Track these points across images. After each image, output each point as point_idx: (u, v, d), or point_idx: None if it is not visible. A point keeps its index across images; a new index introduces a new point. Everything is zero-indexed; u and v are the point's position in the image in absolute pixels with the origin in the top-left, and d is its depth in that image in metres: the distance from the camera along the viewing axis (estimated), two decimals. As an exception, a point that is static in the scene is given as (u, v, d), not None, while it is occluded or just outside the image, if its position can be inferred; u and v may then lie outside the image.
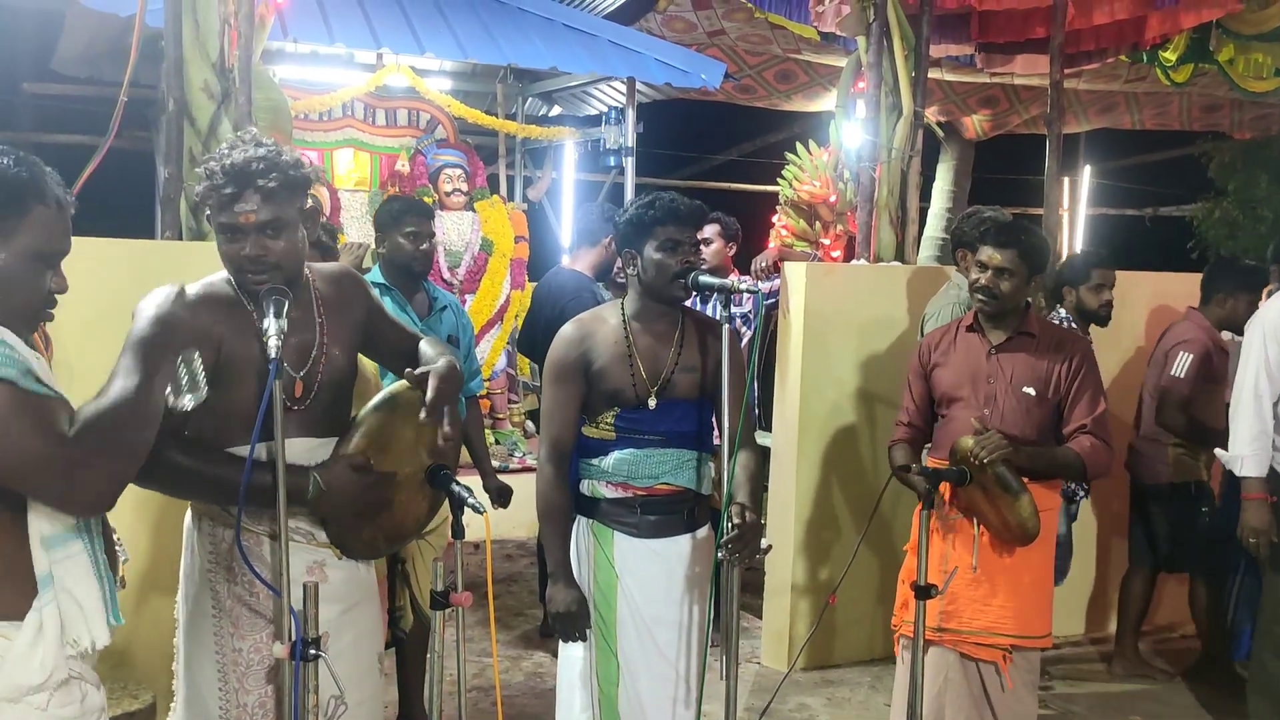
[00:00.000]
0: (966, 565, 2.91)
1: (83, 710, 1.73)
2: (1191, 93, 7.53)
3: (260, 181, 2.05)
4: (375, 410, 2.20)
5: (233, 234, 2.07)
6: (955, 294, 3.77)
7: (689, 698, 2.63)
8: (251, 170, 2.04)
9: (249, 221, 2.06)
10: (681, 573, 2.62)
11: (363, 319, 2.32)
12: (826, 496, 4.28)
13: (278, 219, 2.08)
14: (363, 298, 2.35)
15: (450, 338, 3.58)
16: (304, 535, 2.19)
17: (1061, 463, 2.91)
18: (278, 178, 2.06)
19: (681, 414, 2.61)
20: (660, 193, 2.65)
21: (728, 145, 10.35)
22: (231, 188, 2.04)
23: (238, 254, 2.07)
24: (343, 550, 2.23)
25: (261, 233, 2.07)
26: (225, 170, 2.05)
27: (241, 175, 2.04)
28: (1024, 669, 2.97)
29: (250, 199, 2.05)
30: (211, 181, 2.06)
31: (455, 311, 3.67)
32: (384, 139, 6.41)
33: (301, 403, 2.18)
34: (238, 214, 2.05)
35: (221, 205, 2.06)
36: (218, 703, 2.16)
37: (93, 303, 3.12)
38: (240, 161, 2.05)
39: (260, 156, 2.06)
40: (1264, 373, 3.20)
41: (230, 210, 2.05)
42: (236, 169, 2.05)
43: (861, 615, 4.28)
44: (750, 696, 3.98)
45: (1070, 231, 10.38)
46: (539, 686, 3.99)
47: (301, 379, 2.18)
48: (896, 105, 4.51)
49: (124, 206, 5.76)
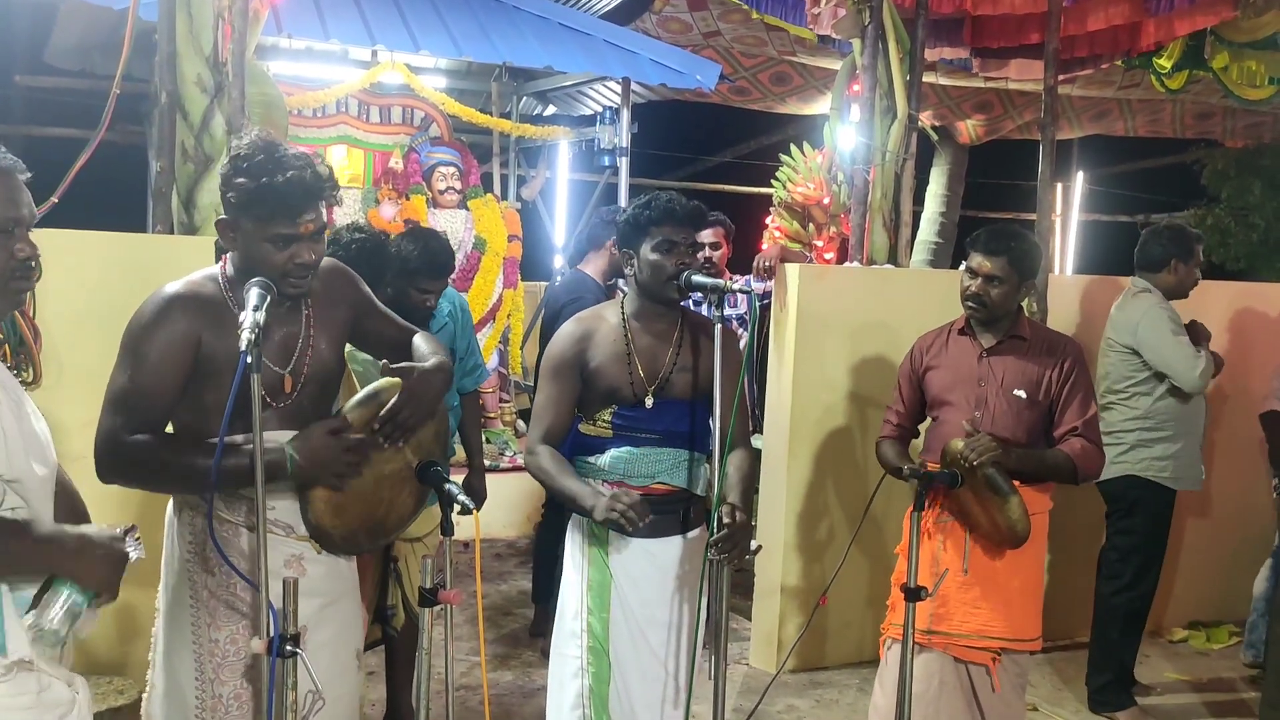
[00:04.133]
0: (957, 568, 2.91)
1: (39, 702, 1.70)
2: (1184, 100, 7.56)
3: (324, 192, 2.12)
4: (357, 406, 2.19)
5: (287, 242, 2.10)
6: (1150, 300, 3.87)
7: (678, 698, 2.64)
8: (314, 183, 2.10)
9: (308, 231, 2.11)
10: (675, 573, 2.63)
11: (351, 314, 2.33)
12: (817, 498, 4.28)
13: (324, 223, 2.16)
14: (351, 293, 2.35)
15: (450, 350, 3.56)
16: (283, 528, 2.18)
17: (1051, 465, 2.91)
18: (330, 187, 2.14)
19: (678, 414, 2.62)
20: (659, 193, 2.65)
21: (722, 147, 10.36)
22: (303, 201, 2.08)
23: (289, 260, 2.11)
24: (322, 544, 2.23)
25: (312, 240, 2.12)
26: (292, 183, 2.07)
27: (309, 189, 2.09)
28: (1013, 672, 2.97)
29: (313, 209, 2.11)
30: (272, 193, 2.06)
31: (455, 319, 3.61)
32: (378, 136, 6.39)
33: (287, 398, 2.18)
34: (300, 225, 2.09)
35: (287, 217, 2.08)
36: (194, 692, 2.17)
37: (83, 296, 3.11)
38: (302, 176, 2.08)
39: (307, 164, 2.11)
40: None
41: (294, 222, 2.09)
42: (304, 184, 2.08)
43: (851, 618, 4.28)
44: (739, 697, 3.97)
45: (1063, 238, 10.42)
46: (528, 686, 3.98)
47: (289, 374, 2.18)
48: (891, 108, 4.52)
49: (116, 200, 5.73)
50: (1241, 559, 4.96)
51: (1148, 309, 3.84)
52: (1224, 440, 4.73)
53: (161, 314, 2.09)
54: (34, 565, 1.70)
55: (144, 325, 2.09)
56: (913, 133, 4.54)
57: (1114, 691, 3.94)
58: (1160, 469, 3.83)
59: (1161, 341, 3.78)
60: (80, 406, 1.89)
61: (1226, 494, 4.84)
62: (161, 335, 2.07)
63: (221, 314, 2.10)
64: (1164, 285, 3.90)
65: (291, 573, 2.16)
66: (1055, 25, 4.58)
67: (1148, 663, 4.46)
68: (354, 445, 2.16)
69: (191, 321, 2.09)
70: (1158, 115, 8.05)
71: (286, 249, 2.10)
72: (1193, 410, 3.88)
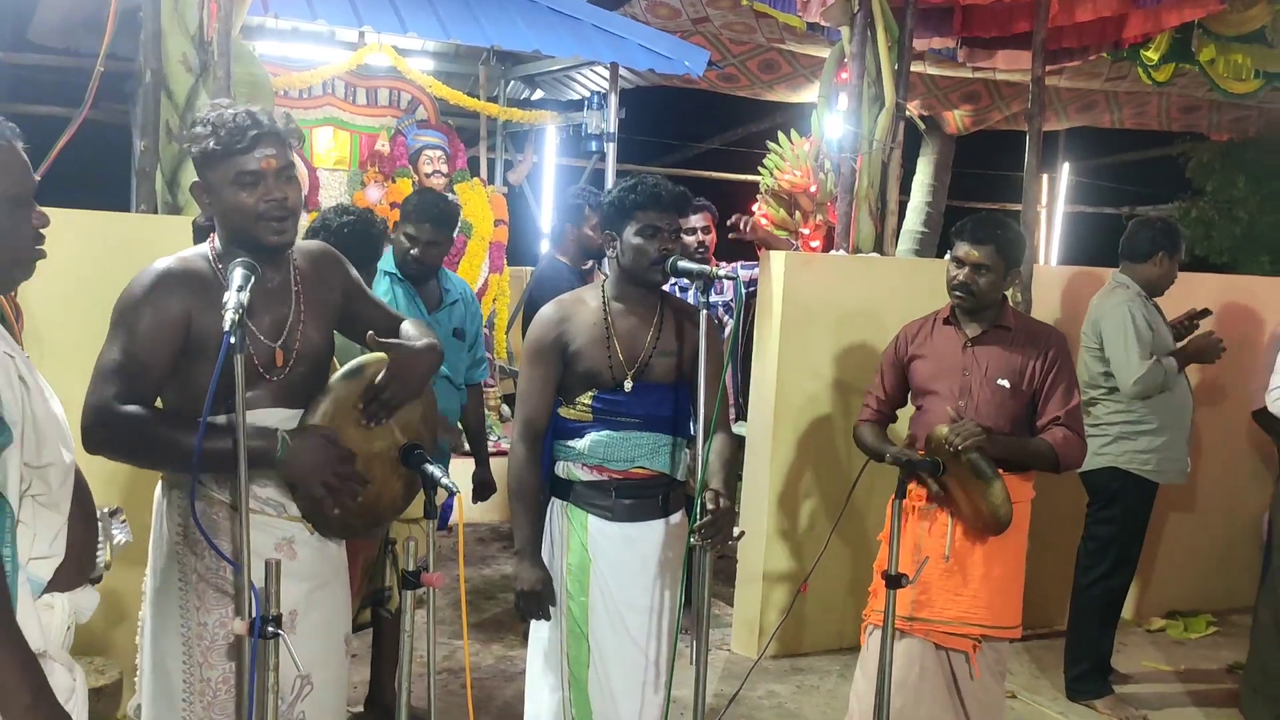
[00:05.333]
0: (939, 555, 2.93)
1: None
2: (1171, 93, 7.58)
3: (278, 126, 2.08)
4: (345, 379, 2.18)
5: (252, 182, 2.06)
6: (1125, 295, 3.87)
7: (658, 682, 2.64)
8: (263, 119, 2.07)
9: (269, 167, 2.07)
10: (655, 557, 2.63)
11: (340, 297, 2.32)
12: (801, 486, 4.29)
13: (290, 165, 2.11)
14: (341, 276, 2.34)
15: (456, 331, 3.56)
16: (275, 508, 2.17)
17: (1034, 453, 2.94)
18: (283, 124, 2.10)
19: (658, 398, 2.61)
20: (645, 177, 2.65)
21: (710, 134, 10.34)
22: (252, 132, 2.05)
23: (258, 202, 2.07)
24: (316, 527, 2.22)
25: (279, 178, 2.08)
26: (235, 121, 2.04)
27: (257, 121, 2.06)
28: (993, 659, 3.00)
29: (269, 144, 2.07)
30: (219, 135, 2.05)
31: (466, 303, 3.64)
32: (364, 118, 6.36)
33: (280, 373, 2.17)
34: (259, 158, 2.05)
35: (239, 154, 2.05)
36: (182, 676, 2.15)
37: (65, 274, 3.09)
38: (250, 110, 2.06)
39: (260, 110, 2.09)
40: None
41: (250, 156, 2.05)
42: (250, 118, 2.05)
43: (832, 605, 4.31)
44: (720, 683, 4.00)
45: (1048, 229, 10.46)
46: (510, 670, 3.99)
47: (280, 349, 2.16)
48: (879, 97, 4.52)
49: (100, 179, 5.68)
50: (1221, 550, 5.02)
51: (1116, 305, 3.87)
52: (1207, 433, 4.77)
53: (154, 289, 2.07)
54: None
55: (136, 299, 2.07)
56: (900, 121, 4.55)
57: (1091, 679, 3.98)
58: (1143, 462, 3.86)
59: (1115, 339, 3.81)
60: (62, 385, 1.87)
61: (1208, 486, 4.89)
62: (153, 310, 2.06)
63: (212, 291, 2.08)
64: (1146, 277, 3.92)
65: (283, 555, 2.16)
66: (1043, 15, 4.59)
67: (1126, 651, 4.51)
68: (347, 458, 2.15)
69: (183, 298, 2.07)
70: (1144, 108, 8.07)
71: (254, 190, 2.06)
72: (1179, 404, 3.91)
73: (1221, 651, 4.62)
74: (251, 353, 2.12)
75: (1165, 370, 3.79)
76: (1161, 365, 3.78)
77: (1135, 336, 3.78)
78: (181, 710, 2.15)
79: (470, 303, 3.67)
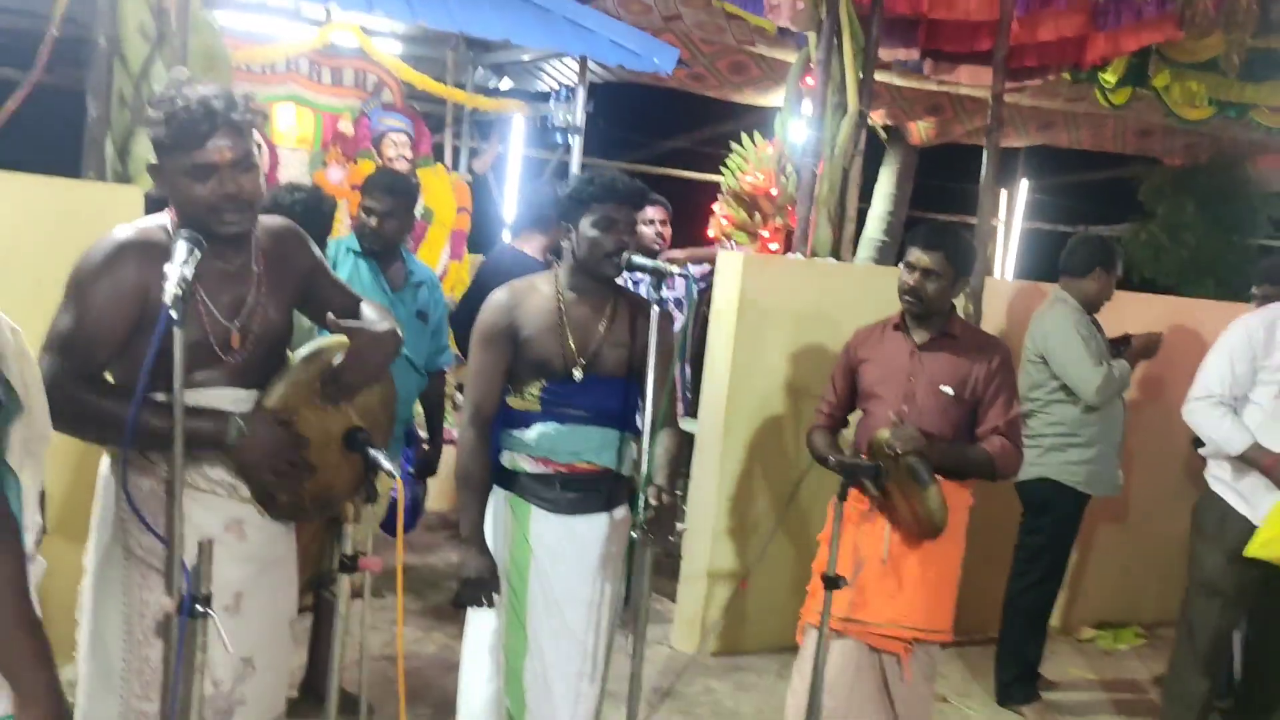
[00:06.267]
0: (877, 558, 2.97)
1: None
2: (1127, 116, 7.74)
3: (233, 116, 2.02)
4: (304, 362, 2.16)
5: (206, 174, 2.02)
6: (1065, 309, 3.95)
7: (594, 673, 2.66)
8: (221, 107, 2.00)
9: (224, 160, 2.02)
10: (596, 551, 2.64)
11: (302, 276, 2.28)
12: (748, 486, 4.33)
13: (248, 154, 2.06)
14: (304, 254, 2.31)
15: (420, 313, 3.54)
16: (226, 489, 2.14)
17: (972, 460, 2.99)
18: (243, 112, 2.04)
19: (607, 390, 2.62)
20: (602, 169, 2.66)
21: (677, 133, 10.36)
22: (205, 125, 1.99)
23: (212, 194, 2.02)
24: (267, 509, 2.19)
25: (235, 169, 2.03)
26: (193, 108, 1.99)
27: (212, 112, 2.00)
28: (924, 661, 3.05)
29: (224, 135, 2.01)
30: (175, 122, 1.99)
31: (430, 287, 3.63)
32: (328, 98, 6.27)
33: (237, 354, 2.14)
34: (212, 151, 2.00)
35: (193, 144, 2.00)
36: (120, 654, 2.12)
37: (7, 238, 3.03)
38: (207, 98, 2.00)
39: (221, 94, 2.03)
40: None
41: (204, 149, 2.00)
42: (207, 106, 1.99)
43: (775, 604, 4.35)
44: (658, 678, 4.02)
45: (1005, 244, 10.63)
46: (450, 659, 3.97)
47: (237, 330, 2.14)
48: (842, 104, 4.56)
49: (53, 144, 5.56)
50: (1152, 564, 5.14)
51: (1058, 319, 3.95)
52: (1140, 448, 4.88)
53: (111, 259, 2.03)
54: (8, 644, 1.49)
55: (93, 268, 2.03)
56: (862, 129, 4.60)
57: (1020, 686, 4.06)
58: (1073, 473, 3.95)
59: (1066, 353, 3.89)
60: None
61: (1139, 499, 5.00)
62: (110, 281, 2.02)
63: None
64: (1084, 293, 4.01)
65: (231, 537, 2.14)
66: (1005, 32, 4.66)
67: (1055, 659, 4.60)
68: (299, 444, 2.13)
69: (140, 270, 2.03)
70: (1101, 129, 8.23)
71: (207, 181, 2.02)
72: (1109, 419, 4.00)
73: (1149, 663, 4.74)
74: (208, 332, 2.10)
75: (1120, 374, 3.89)
76: (1114, 370, 3.87)
77: (1084, 346, 3.86)
78: (119, 689, 2.12)
79: (435, 287, 3.67)
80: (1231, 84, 6.78)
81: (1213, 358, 3.39)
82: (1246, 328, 3.35)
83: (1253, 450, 3.25)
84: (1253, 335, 3.32)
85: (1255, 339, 3.31)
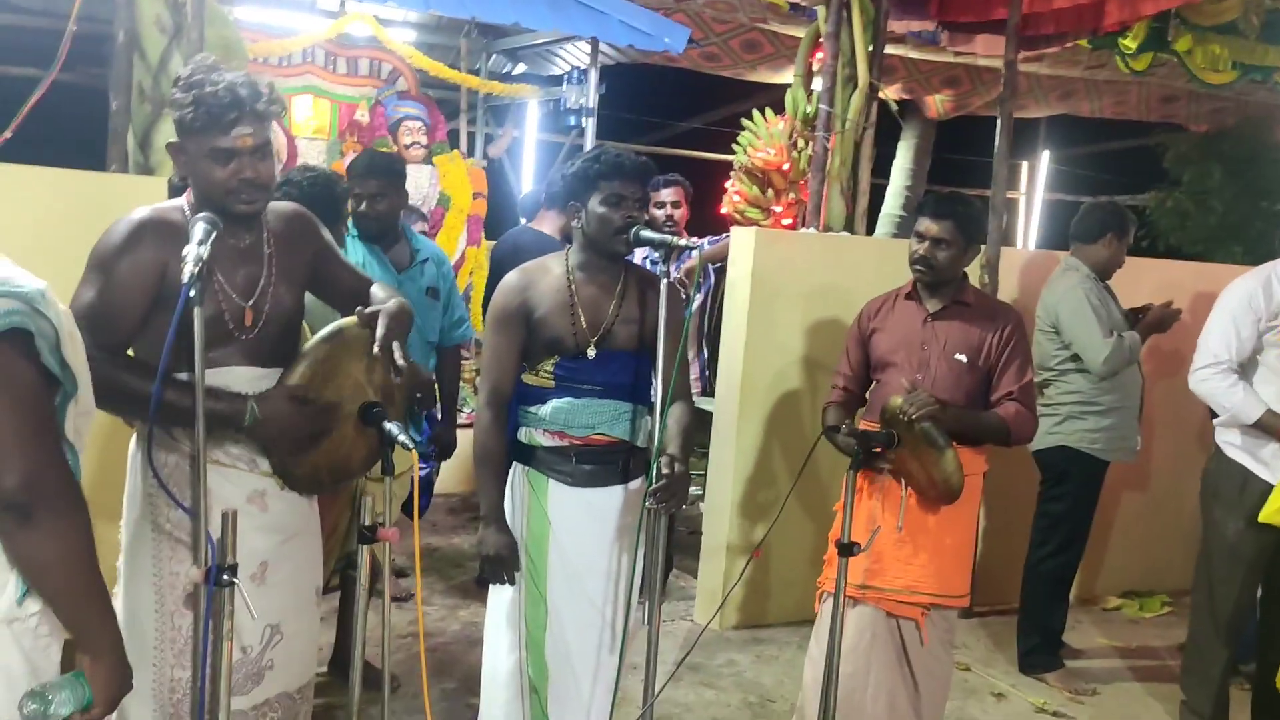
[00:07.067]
0: (892, 525, 2.99)
1: (54, 629, 1.67)
2: (1150, 83, 7.63)
3: (257, 106, 2.10)
4: (323, 341, 2.22)
5: (227, 158, 2.10)
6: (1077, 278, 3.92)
7: (614, 644, 2.69)
8: (246, 95, 2.09)
9: (245, 146, 2.10)
10: (614, 523, 2.67)
11: (311, 258, 2.35)
12: (766, 461, 4.35)
13: (267, 142, 2.15)
14: (313, 237, 2.37)
15: (430, 289, 3.58)
16: (246, 463, 2.22)
17: (986, 426, 3.00)
18: (266, 103, 2.12)
19: (620, 365, 2.65)
20: (608, 147, 2.68)
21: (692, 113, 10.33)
22: (232, 113, 2.07)
23: (232, 178, 2.11)
24: (285, 481, 2.26)
25: (254, 156, 2.11)
26: (220, 95, 2.07)
27: (239, 100, 2.08)
28: (941, 627, 3.07)
29: (248, 123, 2.10)
30: (203, 106, 2.07)
31: (437, 263, 3.65)
32: (344, 88, 6.33)
33: (250, 332, 2.21)
34: (235, 138, 2.09)
35: (219, 130, 2.08)
36: (154, 625, 2.20)
37: (34, 232, 3.10)
38: (234, 86, 2.08)
39: (247, 82, 2.11)
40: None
41: (228, 135, 2.09)
42: (234, 94, 2.08)
43: (794, 577, 4.38)
44: (679, 651, 4.06)
45: (1027, 216, 10.53)
46: (475, 635, 4.03)
47: (251, 308, 2.20)
48: (853, 77, 4.55)
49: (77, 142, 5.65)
50: (1177, 531, 5.11)
51: (1069, 288, 3.93)
52: (1164, 415, 4.85)
53: (131, 237, 2.11)
54: (80, 608, 1.57)
55: (113, 246, 2.11)
56: (874, 102, 4.58)
57: (1042, 654, 4.07)
58: (1092, 440, 3.94)
59: (1075, 322, 3.88)
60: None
61: (1163, 467, 4.98)
62: (130, 258, 2.10)
63: (186, 243, 2.12)
64: (1095, 259, 3.99)
65: (254, 508, 2.21)
66: (1017, 0, 4.62)
67: (1080, 629, 4.60)
68: (316, 415, 2.18)
69: (159, 248, 2.11)
70: (1123, 97, 8.12)
71: (227, 165, 2.10)
72: (1126, 386, 3.99)
73: (1174, 631, 4.71)
74: (223, 310, 2.16)
75: (1129, 345, 3.86)
76: (1124, 341, 3.85)
77: (1094, 316, 3.84)
78: (153, 658, 2.20)
79: (442, 263, 3.69)
80: (1254, 47, 6.66)
81: (1215, 324, 3.36)
82: (1245, 289, 3.32)
83: (1268, 417, 3.23)
84: (1252, 296, 3.29)
85: (1255, 300, 3.28)
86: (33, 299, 1.50)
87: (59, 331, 1.53)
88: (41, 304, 1.51)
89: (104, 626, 1.59)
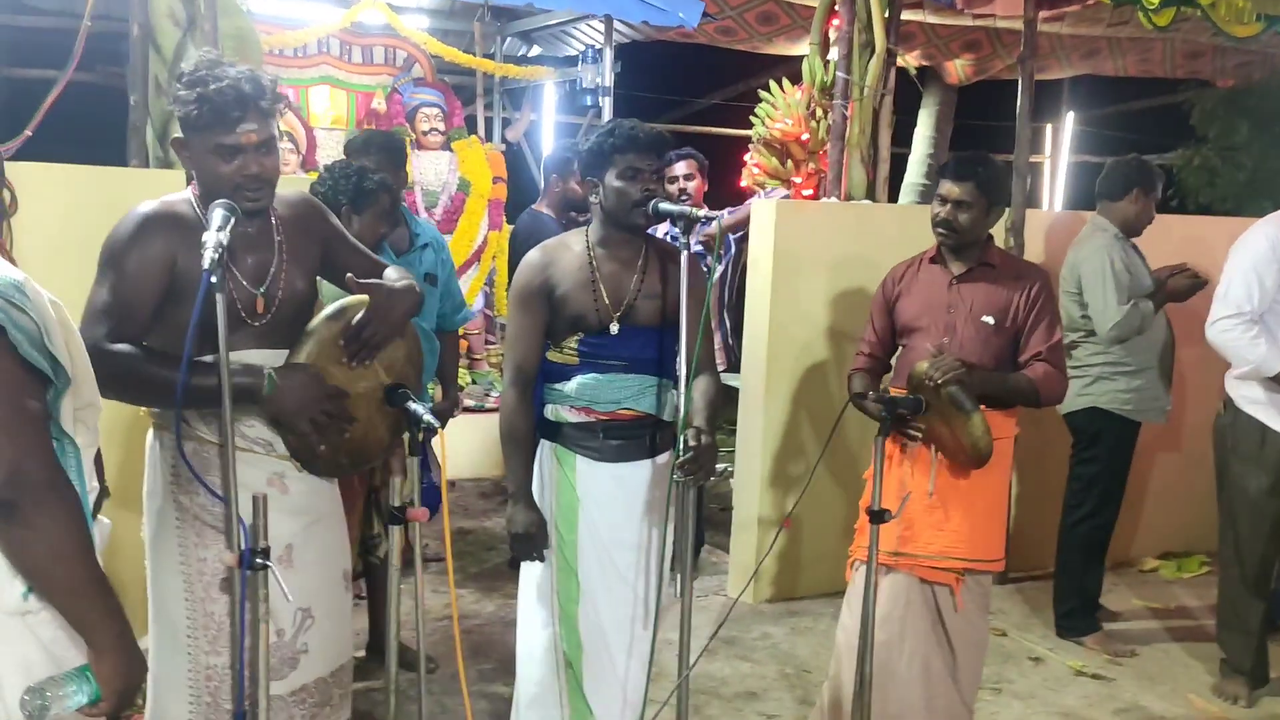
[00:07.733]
0: (923, 491, 2.97)
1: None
2: (1175, 39, 7.48)
3: (261, 103, 2.12)
4: (328, 320, 2.23)
5: (232, 154, 2.12)
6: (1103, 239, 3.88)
7: (647, 619, 2.69)
8: (251, 92, 2.11)
9: (250, 142, 2.12)
10: (642, 496, 2.67)
11: (321, 244, 2.36)
12: (794, 434, 4.34)
13: (272, 138, 2.17)
14: (321, 223, 2.38)
15: (428, 275, 3.58)
16: (263, 446, 2.23)
17: (1014, 388, 2.96)
18: (271, 99, 2.15)
19: (644, 340, 2.65)
20: (622, 121, 2.66)
21: (710, 89, 10.27)
22: (237, 110, 2.09)
23: (238, 173, 2.13)
24: (304, 465, 2.28)
25: (259, 151, 2.13)
26: (225, 92, 2.08)
27: (243, 97, 2.10)
28: (976, 592, 3.05)
29: (253, 119, 2.12)
30: (208, 104, 2.09)
31: (436, 248, 3.65)
32: (360, 77, 6.34)
33: (261, 319, 2.22)
34: (240, 134, 2.11)
35: (223, 127, 2.10)
36: (184, 612, 2.21)
37: (58, 228, 3.13)
38: (239, 82, 2.10)
39: (251, 78, 2.13)
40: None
41: (234, 132, 2.10)
42: (238, 91, 2.10)
43: (826, 549, 4.36)
44: (713, 625, 4.05)
45: (1052, 178, 10.38)
46: (509, 616, 4.05)
47: (262, 295, 2.22)
48: (870, 43, 4.50)
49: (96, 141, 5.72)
50: (1212, 491, 5.02)
51: (1094, 250, 3.88)
52: (1196, 375, 4.78)
53: (139, 231, 2.13)
54: (77, 602, 1.54)
55: (122, 240, 2.13)
56: (891, 67, 4.53)
57: (1079, 617, 4.04)
58: (1123, 401, 3.90)
59: (1092, 284, 3.83)
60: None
61: (1197, 427, 4.88)
62: (139, 251, 2.12)
63: (195, 234, 2.12)
64: (1123, 216, 3.93)
65: (275, 490, 2.22)
66: (1036, -43, 4.55)
67: (1117, 591, 4.57)
68: (334, 394, 2.19)
69: (167, 240, 2.14)
70: (1148, 54, 7.97)
71: (232, 161, 2.12)
72: (1156, 344, 3.94)
73: (1211, 591, 4.62)
74: (235, 297, 2.17)
75: (1142, 314, 3.81)
76: (1139, 309, 3.80)
77: (1113, 282, 3.79)
78: (186, 646, 2.22)
79: (441, 248, 3.68)
80: (1277, -2, 6.51)
81: (1236, 274, 3.29)
82: (1266, 237, 3.25)
83: None
84: (1275, 244, 3.22)
85: (1278, 247, 3.21)
86: (5, 292, 1.48)
87: (42, 324, 1.52)
88: (18, 297, 1.49)
89: (105, 620, 1.55)
